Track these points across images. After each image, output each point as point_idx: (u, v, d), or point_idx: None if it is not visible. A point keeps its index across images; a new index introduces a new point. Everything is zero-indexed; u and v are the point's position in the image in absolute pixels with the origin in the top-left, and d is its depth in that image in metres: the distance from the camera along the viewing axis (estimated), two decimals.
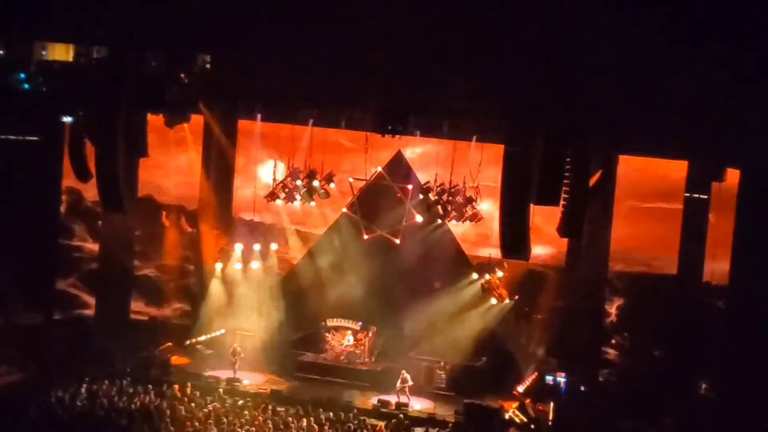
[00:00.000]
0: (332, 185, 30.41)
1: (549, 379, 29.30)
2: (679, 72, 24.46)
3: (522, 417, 27.08)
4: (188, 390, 26.68)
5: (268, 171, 31.27)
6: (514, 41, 24.00)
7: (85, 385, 26.10)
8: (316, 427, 24.08)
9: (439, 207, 29.18)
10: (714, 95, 24.29)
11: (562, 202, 24.82)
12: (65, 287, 34.28)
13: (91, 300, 33.86)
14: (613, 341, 31.81)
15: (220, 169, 33.01)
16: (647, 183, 31.58)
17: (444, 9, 24.88)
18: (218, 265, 32.14)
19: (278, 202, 30.57)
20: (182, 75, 28.99)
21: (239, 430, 23.39)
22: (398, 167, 31.32)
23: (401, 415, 26.73)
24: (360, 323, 31.30)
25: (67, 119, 29.44)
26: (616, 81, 24.93)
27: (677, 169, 28.86)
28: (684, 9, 24.29)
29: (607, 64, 24.43)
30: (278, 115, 30.48)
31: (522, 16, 23.98)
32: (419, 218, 30.08)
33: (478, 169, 29.33)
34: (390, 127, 27.78)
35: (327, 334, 31.49)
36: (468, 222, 30.35)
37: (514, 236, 25.72)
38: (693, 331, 28.72)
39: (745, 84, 24.53)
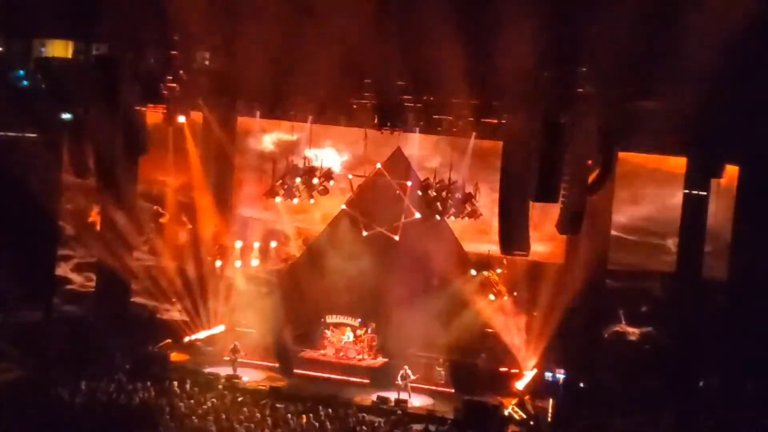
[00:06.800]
0: (331, 182, 30.48)
1: (548, 375, 29.33)
2: (677, 68, 24.45)
3: (521, 413, 27.10)
4: (187, 386, 26.70)
5: None
6: (515, 38, 23.96)
7: (84, 382, 26.09)
8: (315, 423, 24.10)
9: (438, 203, 29.21)
10: (713, 92, 24.26)
11: (561, 199, 24.84)
12: (64, 284, 34.24)
13: (90, 297, 33.83)
14: (613, 338, 31.79)
15: (219, 165, 33.03)
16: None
17: (444, 6, 24.86)
18: (218, 263, 32.17)
19: (277, 199, 30.61)
20: (181, 72, 28.99)
21: (238, 426, 23.39)
22: (397, 163, 31.35)
23: (400, 412, 26.77)
24: (359, 320, 31.34)
25: (67, 116, 29.42)
26: (615, 78, 24.93)
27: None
28: (684, 8, 24.31)
29: (606, 60, 24.41)
30: (277, 111, 30.49)
31: (522, 13, 23.95)
32: (418, 215, 30.12)
33: (477, 165, 29.41)
34: (389, 124, 27.82)
35: (326, 331, 31.52)
36: (467, 218, 30.36)
37: (513, 233, 25.75)
38: (692, 328, 28.72)
39: (744, 80, 24.53)
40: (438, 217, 30.10)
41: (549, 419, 27.27)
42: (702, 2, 23.62)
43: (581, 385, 28.96)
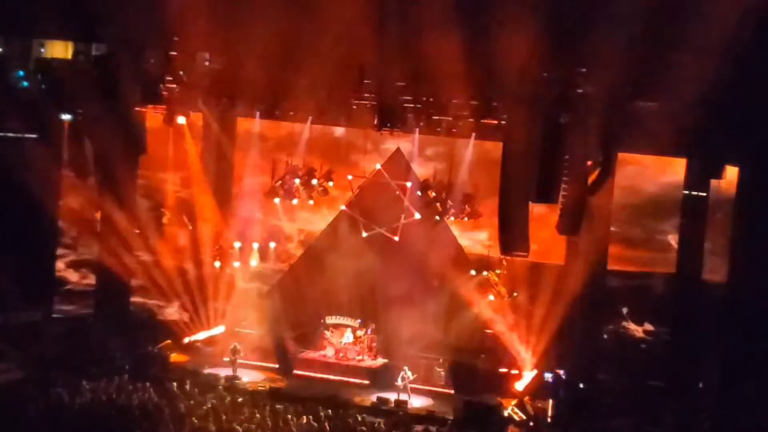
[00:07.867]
0: (331, 183, 30.49)
1: (548, 376, 29.32)
2: (677, 69, 24.45)
3: (521, 414, 27.10)
4: (187, 387, 26.70)
5: None
6: (514, 39, 23.97)
7: (84, 383, 26.09)
8: (315, 424, 24.09)
9: (438, 204, 29.20)
10: (713, 92, 24.26)
11: (560, 200, 24.85)
12: (64, 284, 34.25)
13: (88, 296, 33.83)
14: (613, 338, 31.81)
15: (218, 166, 33.04)
16: None
17: (444, 6, 24.86)
18: (217, 263, 32.16)
19: (276, 200, 30.61)
20: (181, 72, 28.99)
21: (238, 427, 23.36)
22: (397, 164, 31.36)
23: (400, 413, 26.76)
24: (359, 320, 31.33)
25: (66, 117, 29.42)
26: (615, 78, 24.92)
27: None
28: (683, 8, 24.32)
29: (606, 61, 24.42)
30: (277, 112, 30.49)
31: (522, 12, 23.96)
32: (418, 215, 30.11)
33: (477, 166, 29.43)
34: (389, 125, 27.82)
35: (326, 332, 31.51)
36: (467, 219, 30.36)
37: (513, 234, 25.75)
38: (692, 328, 28.73)
39: (744, 81, 24.53)
40: (438, 218, 30.11)
41: (548, 420, 27.28)
42: (702, 3, 23.63)
43: (581, 385, 28.94)
